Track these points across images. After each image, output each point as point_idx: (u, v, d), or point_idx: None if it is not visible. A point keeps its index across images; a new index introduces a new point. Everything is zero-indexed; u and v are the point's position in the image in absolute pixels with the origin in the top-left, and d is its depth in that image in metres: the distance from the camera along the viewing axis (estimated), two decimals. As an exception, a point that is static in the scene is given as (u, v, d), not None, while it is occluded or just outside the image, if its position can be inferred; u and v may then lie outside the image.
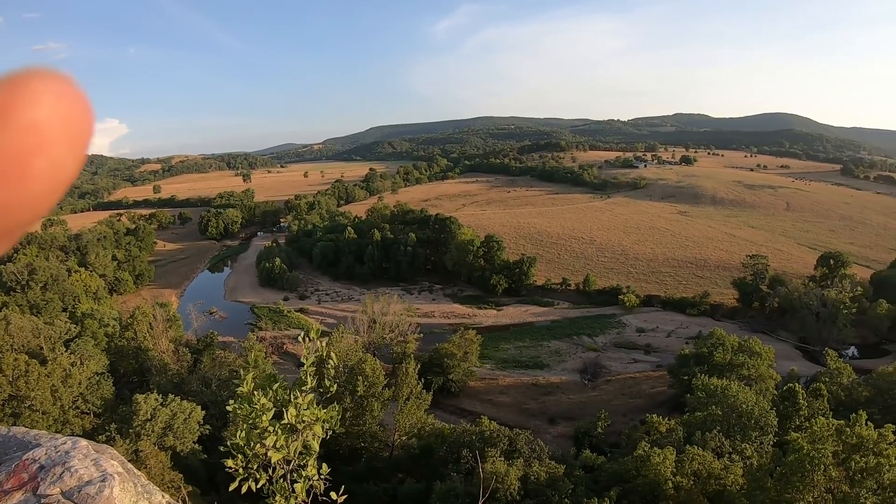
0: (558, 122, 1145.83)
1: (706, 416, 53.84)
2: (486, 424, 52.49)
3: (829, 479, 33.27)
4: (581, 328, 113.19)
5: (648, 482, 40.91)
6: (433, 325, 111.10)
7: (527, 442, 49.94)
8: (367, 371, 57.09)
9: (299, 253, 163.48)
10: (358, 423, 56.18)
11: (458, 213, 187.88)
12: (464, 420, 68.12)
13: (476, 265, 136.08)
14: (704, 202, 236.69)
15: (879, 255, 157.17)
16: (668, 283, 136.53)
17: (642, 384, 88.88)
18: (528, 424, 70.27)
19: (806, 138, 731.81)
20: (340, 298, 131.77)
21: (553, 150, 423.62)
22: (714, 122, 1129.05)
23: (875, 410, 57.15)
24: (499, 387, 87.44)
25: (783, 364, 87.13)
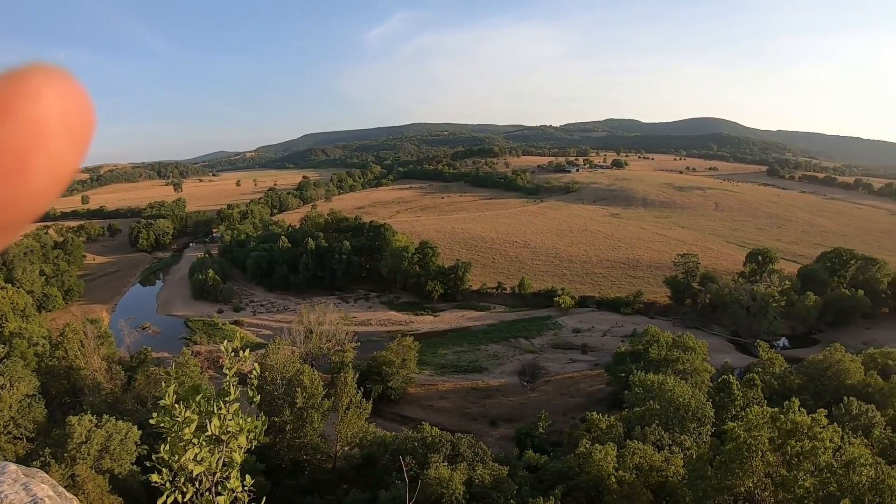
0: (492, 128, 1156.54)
1: (645, 410, 54.70)
2: (427, 430, 52.37)
3: (767, 464, 34.34)
4: (518, 331, 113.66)
5: (592, 478, 41.33)
6: (370, 332, 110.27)
7: (469, 446, 49.88)
8: (306, 382, 56.35)
9: (233, 263, 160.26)
10: (299, 436, 55.40)
11: (392, 220, 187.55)
12: (405, 427, 67.65)
13: (411, 272, 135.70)
14: (636, 204, 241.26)
15: (805, 250, 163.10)
16: (602, 283, 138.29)
17: (581, 383, 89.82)
18: (470, 428, 70.35)
19: (733, 141, 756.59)
20: (276, 309, 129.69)
21: (486, 155, 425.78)
22: (644, 127, 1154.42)
23: (807, 397, 59.38)
24: (438, 392, 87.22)
25: (717, 357, 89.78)
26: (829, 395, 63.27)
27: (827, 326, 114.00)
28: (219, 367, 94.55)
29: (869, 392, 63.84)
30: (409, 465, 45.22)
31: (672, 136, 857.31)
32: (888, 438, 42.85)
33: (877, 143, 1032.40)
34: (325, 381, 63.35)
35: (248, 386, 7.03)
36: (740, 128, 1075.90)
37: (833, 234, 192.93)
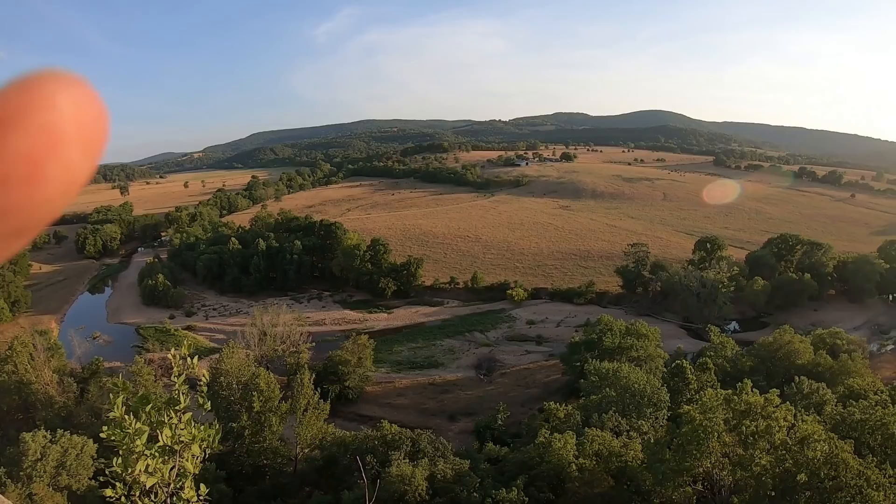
0: (441, 123, 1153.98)
1: (601, 398, 55.44)
2: (387, 428, 52.06)
3: (723, 444, 35.13)
4: (472, 325, 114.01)
5: (553, 467, 41.72)
6: (325, 332, 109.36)
7: (430, 441, 49.79)
8: (262, 386, 55.40)
9: (183, 267, 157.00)
10: (258, 440, 54.48)
11: (343, 219, 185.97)
12: (364, 426, 67.15)
13: (364, 269, 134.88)
14: (585, 196, 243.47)
15: (752, 236, 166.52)
16: (554, 275, 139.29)
17: (537, 374, 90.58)
18: (429, 424, 70.14)
19: (680, 133, 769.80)
20: (228, 312, 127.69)
21: (436, 151, 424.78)
22: (593, 121, 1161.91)
23: (759, 378, 60.65)
24: (396, 389, 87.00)
25: (670, 343, 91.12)
26: (781, 376, 64.90)
27: (776, 309, 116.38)
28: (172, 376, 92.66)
29: (819, 371, 65.76)
30: (371, 464, 45.07)
31: (620, 128, 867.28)
32: (839, 414, 43.78)
33: (820, 133, 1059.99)
34: (281, 384, 62.63)
35: (197, 393, 6.82)
36: (687, 120, 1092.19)
37: (779, 220, 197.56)
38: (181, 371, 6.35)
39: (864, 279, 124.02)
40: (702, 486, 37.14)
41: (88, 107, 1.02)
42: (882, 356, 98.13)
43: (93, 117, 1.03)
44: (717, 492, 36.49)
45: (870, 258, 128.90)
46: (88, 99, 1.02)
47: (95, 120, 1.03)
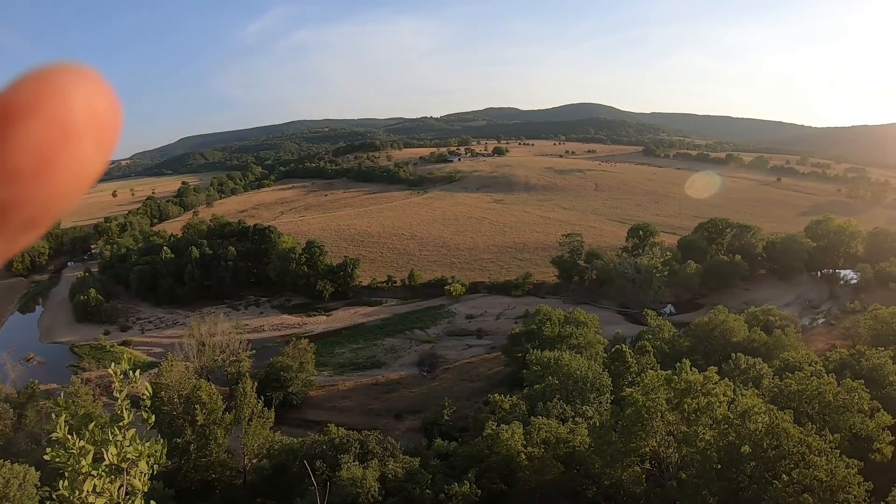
0: (372, 122, 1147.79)
1: (545, 387, 56.02)
2: (334, 432, 51.51)
3: (667, 423, 35.97)
4: (412, 322, 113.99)
5: (502, 458, 42.03)
6: (265, 339, 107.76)
7: (378, 442, 49.45)
8: (204, 398, 54.07)
9: (115, 280, 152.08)
10: (204, 454, 53.13)
11: (276, 222, 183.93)
12: (312, 431, 66.41)
13: (300, 273, 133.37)
14: (518, 189, 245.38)
15: (683, 222, 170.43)
16: (490, 268, 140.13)
17: (479, 367, 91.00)
18: (376, 424, 69.70)
19: (610, 125, 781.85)
20: (165, 324, 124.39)
21: (368, 150, 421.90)
22: (524, 115, 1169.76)
23: (698, 357, 62.13)
24: (340, 392, 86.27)
25: (608, 328, 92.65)
26: (718, 354, 66.29)
27: (709, 291, 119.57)
28: (112, 393, 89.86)
29: (754, 347, 67.64)
30: (321, 469, 44.65)
31: (551, 122, 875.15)
32: (777, 387, 45.17)
33: (746, 121, 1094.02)
34: (224, 395, 61.39)
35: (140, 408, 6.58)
36: (617, 112, 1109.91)
37: (708, 205, 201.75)
38: (123, 386, 6.18)
39: (793, 258, 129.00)
40: (649, 464, 37.87)
41: (101, 100, 1.03)
42: (814, 329, 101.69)
43: (106, 110, 1.04)
44: (664, 469, 37.27)
45: (797, 237, 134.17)
46: (102, 92, 1.04)
47: (108, 113, 1.04)
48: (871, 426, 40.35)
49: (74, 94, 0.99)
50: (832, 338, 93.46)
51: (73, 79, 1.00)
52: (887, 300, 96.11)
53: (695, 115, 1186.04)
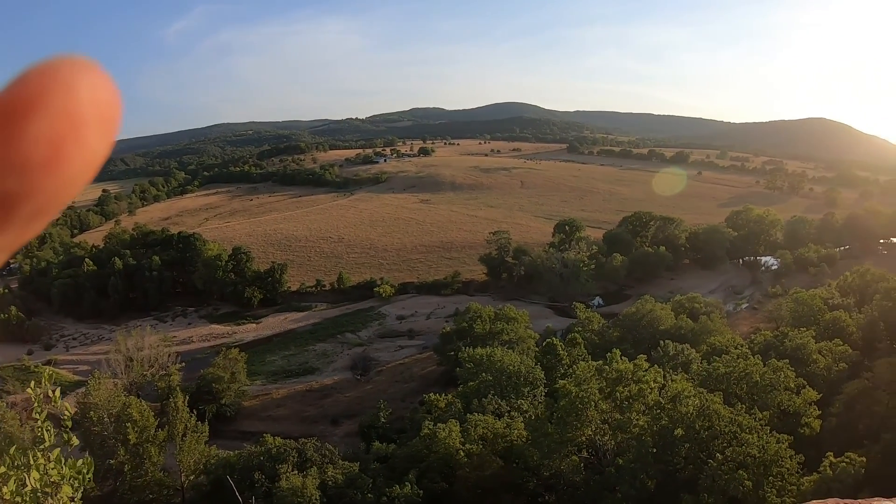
0: (297, 124, 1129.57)
1: (479, 383, 56.21)
2: (270, 442, 50.47)
3: (601, 411, 36.76)
4: (343, 326, 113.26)
5: (441, 456, 42.05)
6: (194, 350, 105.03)
7: (316, 449, 48.74)
8: (135, 416, 51.96)
9: (36, 296, 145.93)
10: (139, 474, 50.97)
11: (202, 229, 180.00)
12: (248, 443, 64.97)
13: (227, 280, 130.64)
14: (445, 189, 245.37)
15: (608, 217, 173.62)
16: (419, 268, 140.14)
17: (413, 368, 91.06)
18: (313, 431, 68.80)
19: (535, 123, 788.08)
20: (90, 341, 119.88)
21: (293, 152, 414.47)
22: (449, 115, 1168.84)
23: (627, 346, 63.11)
24: (274, 400, 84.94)
25: (539, 323, 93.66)
26: (647, 342, 67.55)
27: (636, 282, 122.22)
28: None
29: (682, 333, 69.31)
30: (260, 481, 43.83)
31: (477, 121, 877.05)
32: (705, 370, 46.33)
33: (667, 118, 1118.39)
34: (155, 411, 59.46)
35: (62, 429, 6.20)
36: (541, 110, 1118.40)
37: (632, 200, 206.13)
38: (43, 408, 6.11)
39: (716, 247, 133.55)
40: (587, 453, 38.47)
41: (104, 90, 1.06)
42: (738, 314, 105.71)
43: (108, 100, 1.06)
44: (602, 456, 37.91)
45: (719, 228, 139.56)
46: (104, 83, 1.06)
47: (110, 103, 1.07)
48: (798, 402, 41.95)
49: (80, 85, 1.02)
50: (756, 321, 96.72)
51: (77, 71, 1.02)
52: (806, 283, 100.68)
53: (617, 112, 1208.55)
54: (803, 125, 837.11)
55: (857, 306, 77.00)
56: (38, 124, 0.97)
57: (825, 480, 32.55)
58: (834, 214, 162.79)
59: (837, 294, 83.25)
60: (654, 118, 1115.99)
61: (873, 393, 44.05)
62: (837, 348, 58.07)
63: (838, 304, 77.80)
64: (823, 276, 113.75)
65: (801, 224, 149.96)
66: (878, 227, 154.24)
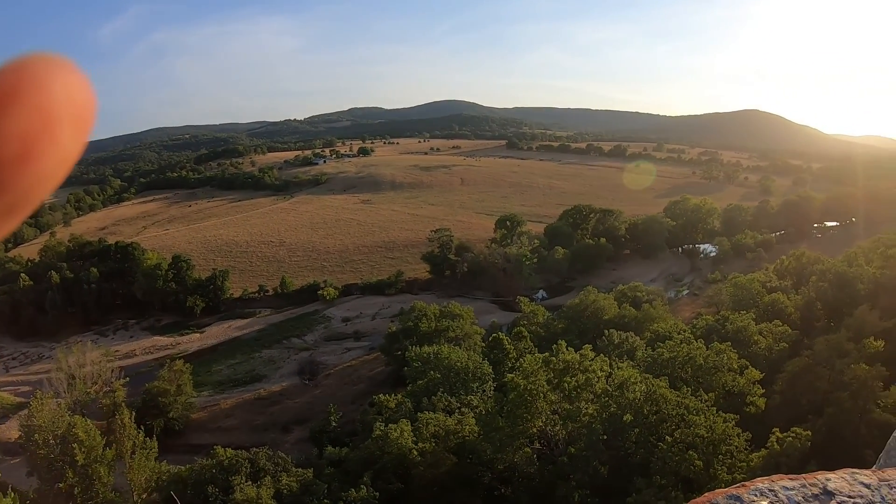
0: (235, 126, 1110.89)
1: (427, 382, 56.63)
2: (221, 453, 49.63)
3: (550, 402, 37.32)
4: (288, 331, 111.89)
5: (395, 457, 42.00)
6: (138, 364, 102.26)
7: (268, 458, 48.18)
8: (82, 435, 50.31)
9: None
10: (89, 496, 49.33)
11: (140, 238, 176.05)
12: (198, 456, 63.75)
13: (168, 290, 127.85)
14: (385, 188, 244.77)
15: (548, 210, 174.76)
16: (362, 269, 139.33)
17: (361, 369, 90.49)
18: (264, 440, 67.82)
19: (474, 121, 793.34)
20: (30, 360, 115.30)
21: (231, 156, 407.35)
22: (388, 114, 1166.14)
23: (573, 337, 63.91)
24: (223, 411, 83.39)
25: (484, 318, 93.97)
26: (592, 332, 68.50)
27: (578, 274, 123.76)
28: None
29: (626, 322, 70.56)
30: (213, 495, 43.18)
31: (416, 119, 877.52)
32: (650, 357, 47.28)
33: (604, 113, 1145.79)
34: (101, 429, 57.84)
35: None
36: (480, 108, 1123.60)
37: (571, 194, 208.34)
38: None
39: (655, 236, 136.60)
40: (539, 444, 38.85)
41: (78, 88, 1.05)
42: (679, 300, 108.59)
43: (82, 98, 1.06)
44: (554, 446, 38.31)
45: (657, 218, 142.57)
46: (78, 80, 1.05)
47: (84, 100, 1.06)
48: (741, 382, 43.09)
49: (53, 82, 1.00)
50: (697, 306, 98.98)
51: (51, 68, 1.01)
52: (744, 268, 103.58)
53: (555, 108, 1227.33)
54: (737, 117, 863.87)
55: (794, 288, 79.80)
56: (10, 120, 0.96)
57: (773, 455, 33.63)
58: (769, 201, 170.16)
59: (775, 277, 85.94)
60: (591, 113, 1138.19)
61: (814, 369, 45.53)
62: (777, 329, 60.17)
63: (776, 286, 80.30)
64: (761, 261, 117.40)
65: (737, 212, 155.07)
66: (812, 212, 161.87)
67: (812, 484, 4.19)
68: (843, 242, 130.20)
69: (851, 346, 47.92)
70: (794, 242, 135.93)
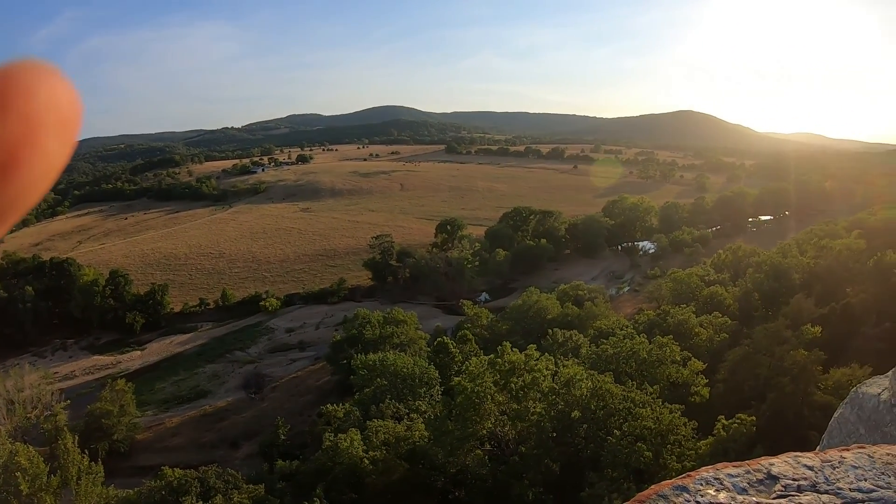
0: (171, 135, 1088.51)
1: (374, 389, 56.70)
2: (170, 474, 48.61)
3: (498, 404, 37.74)
4: (231, 344, 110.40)
5: (346, 467, 41.78)
6: (79, 385, 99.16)
7: (218, 476, 47.44)
8: (25, 463, 48.51)
9: None
10: None
11: (76, 253, 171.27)
12: (146, 478, 62.31)
13: (107, 306, 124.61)
14: (325, 196, 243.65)
15: (489, 213, 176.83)
16: (304, 279, 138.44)
17: (307, 380, 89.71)
18: (213, 457, 66.65)
19: (413, 126, 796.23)
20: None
21: (168, 165, 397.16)
22: (327, 120, 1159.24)
23: (517, 337, 64.84)
24: (169, 430, 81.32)
25: (428, 323, 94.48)
26: (536, 332, 69.39)
27: (520, 275, 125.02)
28: None
29: (569, 320, 71.62)
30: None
31: (354, 126, 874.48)
32: (595, 353, 48.17)
33: (541, 116, 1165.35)
34: (44, 455, 56.11)
35: None
36: (419, 113, 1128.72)
37: (511, 196, 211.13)
38: None
39: (595, 235, 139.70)
40: (490, 445, 39.20)
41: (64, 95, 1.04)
42: (621, 297, 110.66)
43: (68, 106, 1.04)
44: (504, 447, 38.68)
45: (596, 217, 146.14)
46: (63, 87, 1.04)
47: (70, 108, 1.05)
48: (685, 373, 44.31)
49: (39, 90, 0.99)
50: (638, 302, 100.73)
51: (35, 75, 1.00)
52: (682, 264, 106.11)
53: (494, 112, 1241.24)
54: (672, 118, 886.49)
55: (731, 280, 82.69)
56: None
57: (720, 442, 34.74)
58: (704, 198, 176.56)
59: (713, 271, 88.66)
60: (529, 116, 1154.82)
61: (754, 357, 47.20)
62: (717, 320, 62.15)
63: (714, 279, 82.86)
64: (698, 256, 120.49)
65: (674, 209, 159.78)
66: (747, 207, 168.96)
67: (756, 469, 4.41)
68: (777, 235, 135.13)
69: (789, 333, 49.85)
70: (731, 237, 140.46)
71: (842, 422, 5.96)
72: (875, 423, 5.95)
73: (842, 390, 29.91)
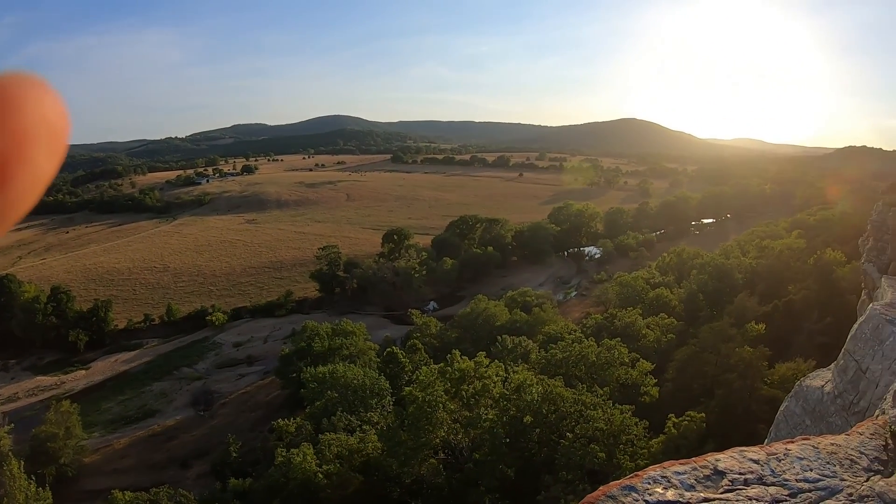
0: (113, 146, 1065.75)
1: (325, 402, 56.52)
2: (120, 497, 47.72)
3: (450, 412, 37.95)
4: (178, 361, 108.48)
5: (300, 482, 41.42)
6: (22, 408, 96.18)
7: (170, 497, 46.84)
8: None
9: None
10: None
11: (15, 269, 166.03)
12: (96, 503, 61.07)
13: (49, 324, 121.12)
14: (270, 207, 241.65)
15: (435, 222, 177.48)
16: (251, 292, 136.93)
17: (257, 395, 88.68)
18: (164, 478, 65.35)
19: (358, 135, 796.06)
20: None
21: (110, 177, 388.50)
22: (272, 130, 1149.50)
23: (467, 345, 65.45)
24: (117, 451, 79.32)
25: (377, 333, 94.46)
26: (485, 339, 69.69)
27: (468, 283, 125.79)
28: None
29: (518, 326, 72.52)
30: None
31: (299, 135, 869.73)
32: (544, 358, 48.76)
33: (487, 125, 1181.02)
34: (-12, 484, 54.66)
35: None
36: (364, 122, 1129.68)
37: (457, 204, 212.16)
38: None
39: (541, 242, 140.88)
40: (444, 453, 39.27)
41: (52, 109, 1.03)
42: (568, 302, 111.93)
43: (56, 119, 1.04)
44: (458, 454, 38.82)
45: (542, 224, 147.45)
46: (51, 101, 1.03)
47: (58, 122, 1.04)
48: (634, 374, 45.18)
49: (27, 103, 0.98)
50: (586, 306, 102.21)
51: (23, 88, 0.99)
52: (628, 267, 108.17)
53: (439, 121, 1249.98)
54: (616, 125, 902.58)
55: (676, 282, 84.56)
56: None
57: (672, 439, 35.43)
58: (648, 203, 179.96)
59: (658, 273, 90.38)
60: (475, 125, 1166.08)
61: (701, 356, 48.37)
62: (664, 321, 63.52)
63: (659, 282, 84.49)
64: (643, 259, 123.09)
65: (618, 214, 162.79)
66: (690, 211, 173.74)
67: (703, 466, 4.63)
68: (719, 237, 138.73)
69: (734, 331, 51.29)
70: (674, 240, 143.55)
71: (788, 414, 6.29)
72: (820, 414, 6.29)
73: (787, 384, 30.75)
